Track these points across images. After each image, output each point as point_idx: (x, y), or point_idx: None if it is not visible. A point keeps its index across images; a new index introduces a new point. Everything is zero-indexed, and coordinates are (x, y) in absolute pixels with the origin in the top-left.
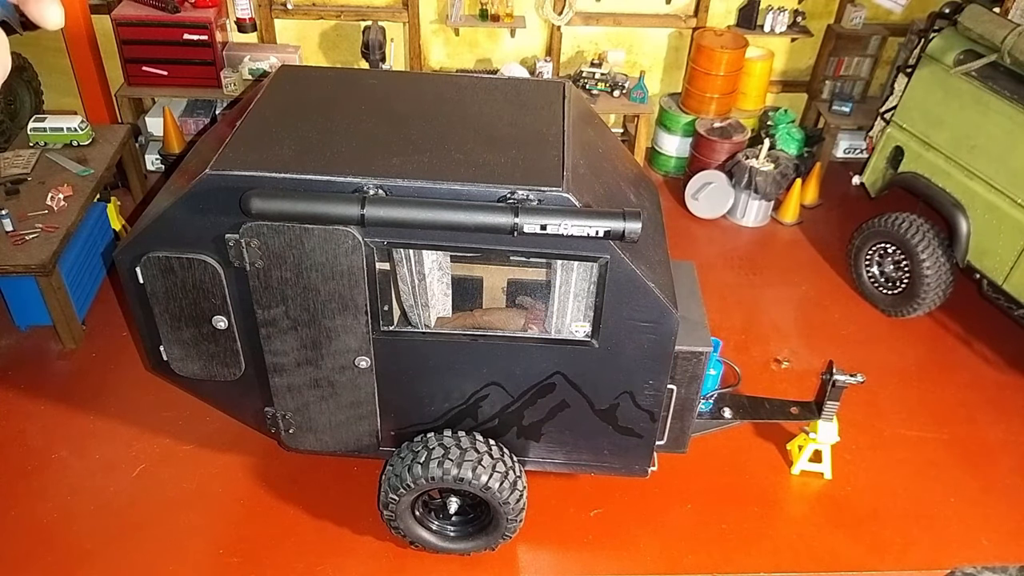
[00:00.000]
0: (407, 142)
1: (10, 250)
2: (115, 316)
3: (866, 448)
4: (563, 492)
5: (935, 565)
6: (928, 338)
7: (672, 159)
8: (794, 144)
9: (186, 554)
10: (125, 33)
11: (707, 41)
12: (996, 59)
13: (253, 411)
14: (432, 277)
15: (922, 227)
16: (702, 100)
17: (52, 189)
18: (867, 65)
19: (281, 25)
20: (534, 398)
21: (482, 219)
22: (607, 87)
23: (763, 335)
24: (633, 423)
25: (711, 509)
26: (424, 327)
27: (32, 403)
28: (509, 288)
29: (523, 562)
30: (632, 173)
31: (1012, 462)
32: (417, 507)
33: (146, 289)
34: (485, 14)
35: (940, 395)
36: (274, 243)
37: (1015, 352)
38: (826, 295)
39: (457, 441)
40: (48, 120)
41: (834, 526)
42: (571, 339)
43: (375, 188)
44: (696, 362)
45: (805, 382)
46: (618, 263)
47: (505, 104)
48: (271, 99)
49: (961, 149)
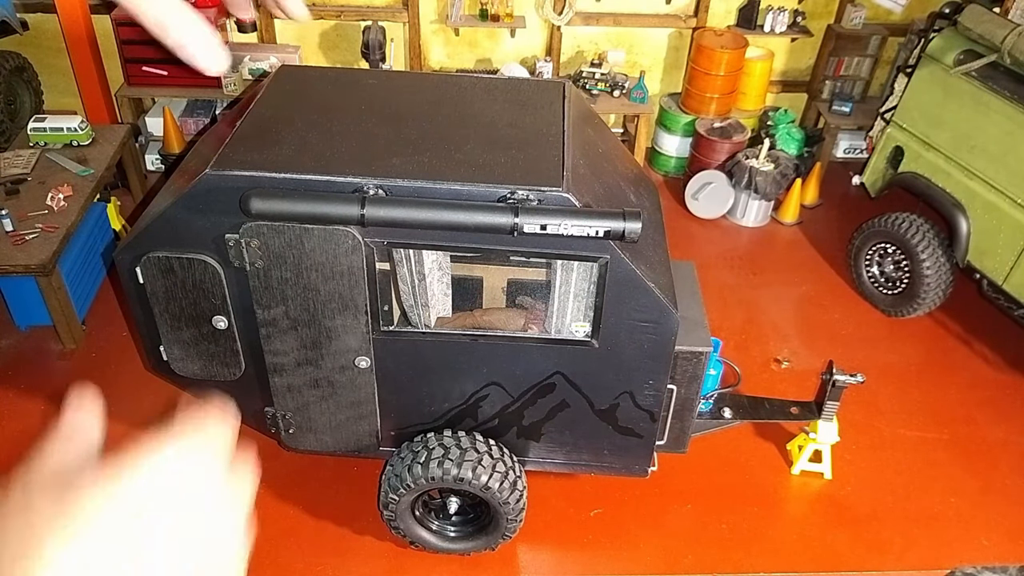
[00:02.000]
0: (407, 142)
1: (10, 250)
2: (115, 316)
3: (866, 448)
4: (563, 492)
5: (935, 565)
6: (928, 338)
7: (672, 159)
8: (794, 144)
9: None
10: (125, 33)
11: (707, 41)
12: (996, 59)
13: (253, 411)
14: (432, 277)
15: (922, 227)
16: (702, 100)
17: (52, 189)
18: (867, 65)
19: (281, 25)
20: (534, 398)
21: (482, 219)
22: (607, 87)
23: (763, 335)
24: (633, 423)
25: (711, 509)
26: (424, 327)
27: (32, 403)
28: (509, 288)
29: (523, 562)
30: (632, 173)
31: (1012, 462)
32: (417, 507)
33: (146, 289)
34: (485, 14)
35: (940, 395)
36: (274, 243)
37: (1015, 352)
38: (826, 295)
39: (457, 441)
40: (48, 120)
41: (834, 526)
42: (571, 339)
43: (375, 188)
44: (696, 362)
45: (805, 382)
46: (618, 263)
47: (505, 104)
48: (271, 99)
49: (961, 149)
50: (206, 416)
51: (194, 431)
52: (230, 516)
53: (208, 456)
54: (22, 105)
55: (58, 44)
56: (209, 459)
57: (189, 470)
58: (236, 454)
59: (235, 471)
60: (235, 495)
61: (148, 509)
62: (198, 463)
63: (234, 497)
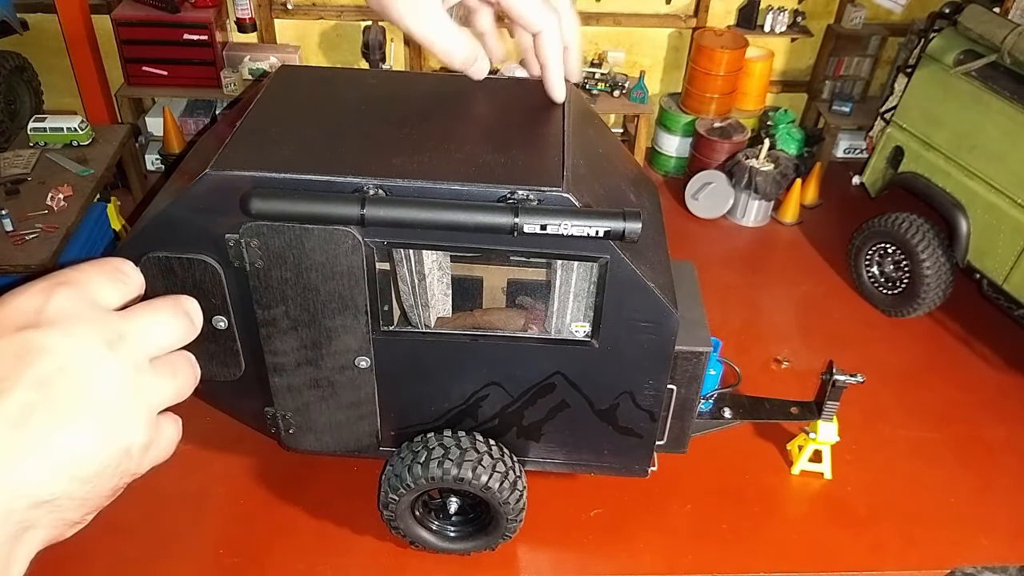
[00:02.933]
0: (407, 142)
1: (10, 250)
2: None
3: (866, 448)
4: (563, 492)
5: (935, 565)
6: (928, 338)
7: (672, 159)
8: (794, 144)
9: (185, 554)
10: (125, 33)
11: (707, 41)
12: (996, 59)
13: (253, 411)
14: (432, 277)
15: (922, 227)
16: (702, 100)
17: (52, 189)
18: (867, 65)
19: (281, 25)
20: (534, 398)
21: (482, 219)
22: (607, 87)
23: (763, 335)
24: (633, 423)
25: (711, 509)
26: (424, 327)
27: None
28: (509, 288)
29: (523, 562)
30: (632, 173)
31: (1012, 462)
32: (417, 507)
33: (146, 289)
34: None
35: (940, 395)
36: (274, 243)
37: (1015, 352)
38: (826, 295)
39: (457, 441)
40: (48, 120)
41: (834, 526)
42: (571, 339)
43: (375, 188)
44: (696, 362)
45: (805, 382)
46: (618, 263)
47: (505, 104)
48: (271, 99)
49: (961, 149)
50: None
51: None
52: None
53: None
54: (22, 105)
55: (58, 44)
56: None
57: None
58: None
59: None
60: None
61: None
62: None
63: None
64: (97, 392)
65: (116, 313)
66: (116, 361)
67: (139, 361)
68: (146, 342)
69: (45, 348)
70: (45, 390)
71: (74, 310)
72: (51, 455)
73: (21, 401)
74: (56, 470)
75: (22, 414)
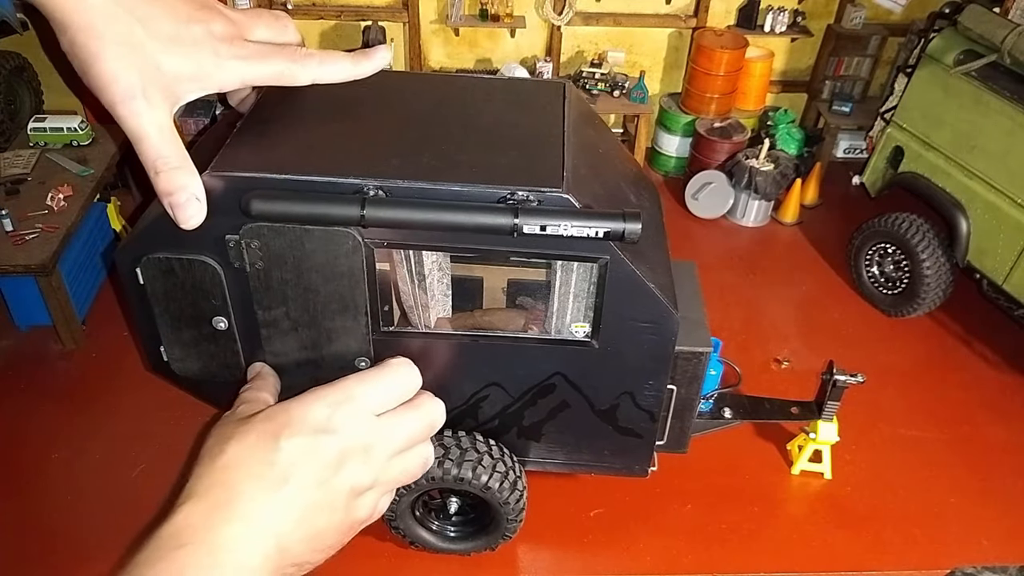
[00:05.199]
0: (407, 143)
1: (10, 250)
2: (115, 316)
3: (866, 448)
4: (563, 492)
5: (935, 565)
6: (928, 338)
7: (672, 159)
8: (794, 144)
9: None
10: None
11: (707, 41)
12: (996, 59)
13: None
14: (432, 278)
15: (922, 227)
16: (702, 100)
17: (52, 189)
18: (867, 65)
19: None
20: (534, 398)
21: (482, 220)
22: (607, 87)
23: (763, 335)
24: (633, 423)
25: (711, 509)
26: (424, 327)
27: (32, 403)
28: (509, 288)
29: (523, 562)
30: (632, 173)
31: (1012, 462)
32: (417, 507)
33: (146, 290)
34: (485, 14)
35: (940, 395)
36: (274, 244)
37: (1015, 352)
38: (826, 295)
39: (457, 441)
40: (48, 120)
41: (834, 526)
42: (571, 340)
43: (375, 189)
44: (696, 362)
45: (805, 382)
46: (618, 264)
47: (505, 104)
48: (271, 99)
49: (961, 149)
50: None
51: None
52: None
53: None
54: (22, 105)
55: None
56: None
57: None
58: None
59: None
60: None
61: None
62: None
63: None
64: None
65: (379, 421)
66: (369, 462)
67: (385, 459)
68: (393, 444)
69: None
70: (325, 489)
71: (353, 425)
72: (313, 544)
73: (307, 499)
74: (314, 553)
75: (305, 510)
